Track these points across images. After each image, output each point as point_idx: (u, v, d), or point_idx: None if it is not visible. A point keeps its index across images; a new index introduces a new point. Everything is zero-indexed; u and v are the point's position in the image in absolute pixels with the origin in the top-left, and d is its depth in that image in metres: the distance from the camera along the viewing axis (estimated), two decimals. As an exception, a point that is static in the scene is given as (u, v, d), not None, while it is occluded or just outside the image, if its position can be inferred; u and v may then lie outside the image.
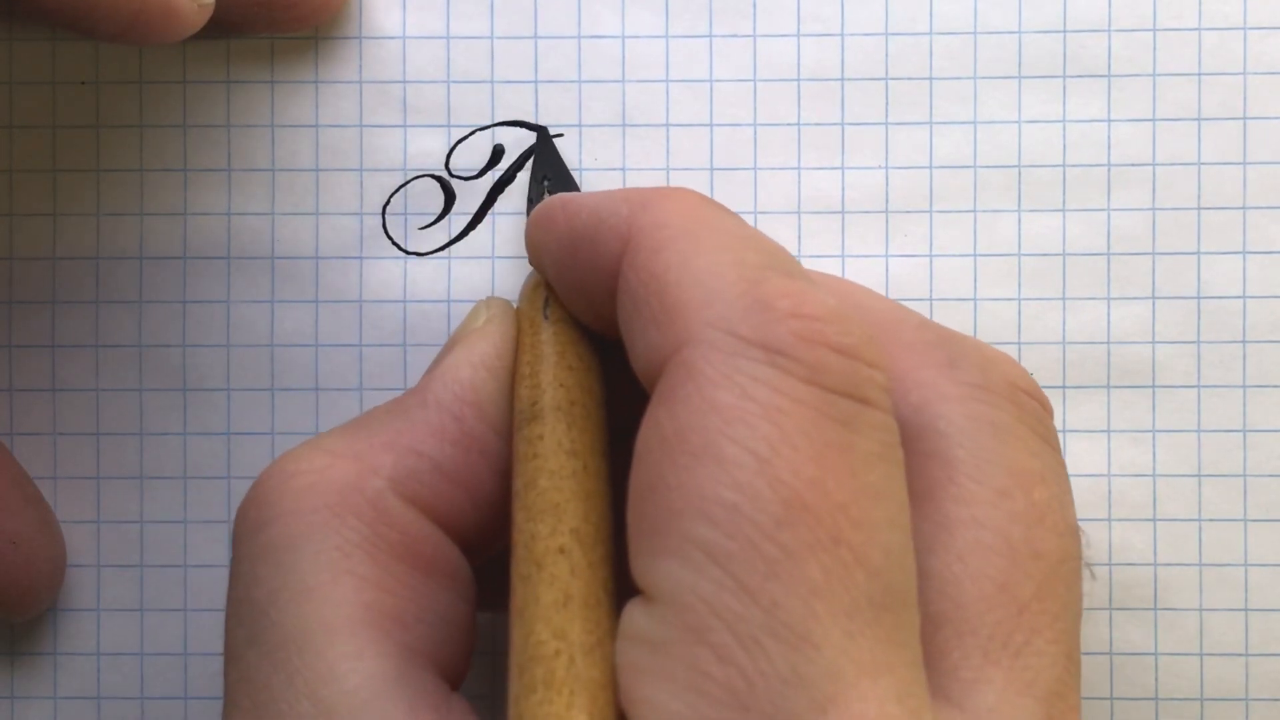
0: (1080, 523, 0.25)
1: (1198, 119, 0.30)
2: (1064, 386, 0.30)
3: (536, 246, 0.26)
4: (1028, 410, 0.24)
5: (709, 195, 0.29)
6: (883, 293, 0.30)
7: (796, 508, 0.20)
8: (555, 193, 0.29)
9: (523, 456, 0.23)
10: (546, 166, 0.30)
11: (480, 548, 0.25)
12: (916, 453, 0.23)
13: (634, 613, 0.20)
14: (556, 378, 0.24)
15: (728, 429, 0.20)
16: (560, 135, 0.30)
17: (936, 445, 0.23)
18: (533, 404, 0.24)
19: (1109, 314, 0.30)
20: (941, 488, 0.23)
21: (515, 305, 0.27)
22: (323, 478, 0.23)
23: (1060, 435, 0.27)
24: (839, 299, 0.22)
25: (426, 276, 0.31)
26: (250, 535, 0.23)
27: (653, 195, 0.24)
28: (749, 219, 0.30)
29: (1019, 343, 0.30)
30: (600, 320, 0.25)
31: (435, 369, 0.25)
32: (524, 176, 0.31)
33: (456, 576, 0.24)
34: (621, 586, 0.22)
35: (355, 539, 0.23)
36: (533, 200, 0.30)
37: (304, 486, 0.23)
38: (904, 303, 0.30)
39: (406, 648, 0.22)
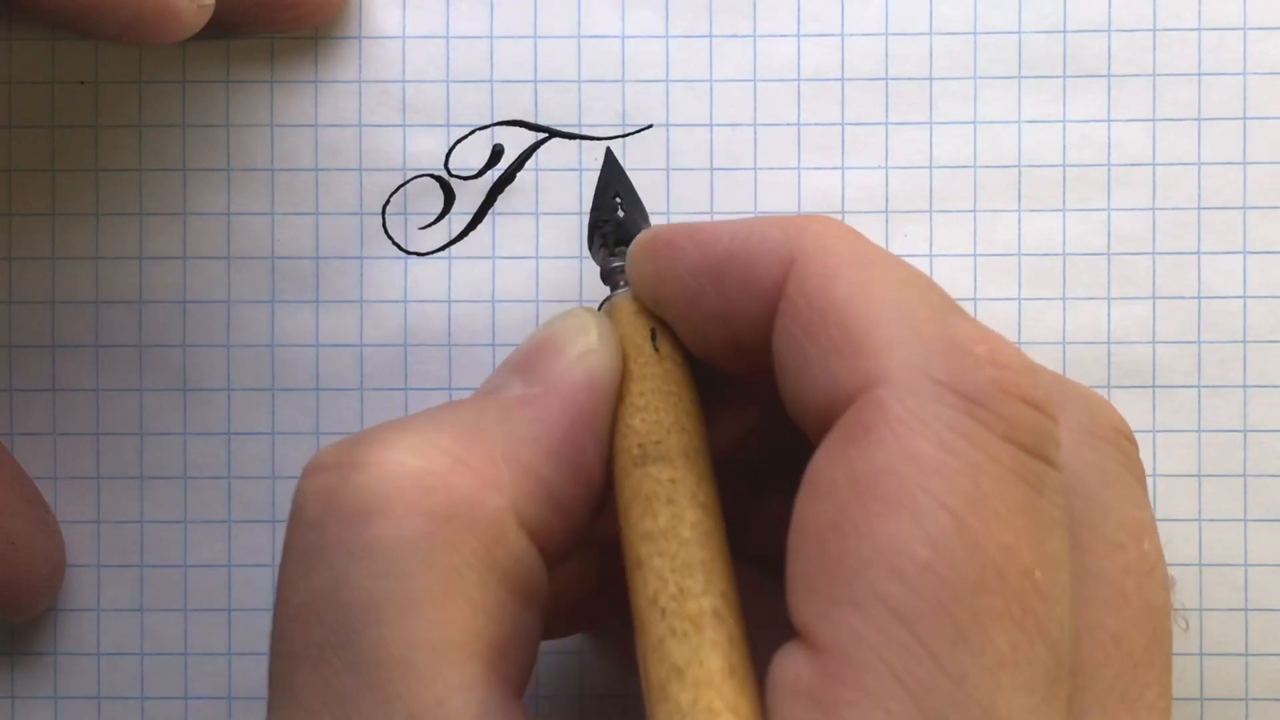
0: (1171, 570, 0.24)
1: (1198, 119, 0.30)
2: (1064, 386, 0.30)
3: (654, 277, 0.24)
4: (1131, 457, 0.23)
5: (712, 196, 0.29)
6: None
7: (991, 574, 0.19)
8: (626, 210, 0.28)
9: (651, 496, 0.22)
10: (617, 185, 0.29)
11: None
12: None
13: (794, 662, 0.19)
14: (678, 421, 0.23)
15: (925, 481, 0.19)
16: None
17: None
18: (656, 443, 0.23)
19: (1109, 314, 0.30)
20: None
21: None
22: (443, 482, 0.21)
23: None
24: None
25: (426, 276, 0.31)
26: (346, 522, 0.21)
27: (807, 221, 0.23)
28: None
29: (1019, 343, 0.30)
30: (728, 352, 0.24)
31: (547, 380, 0.23)
32: (525, 177, 0.31)
33: (543, 604, 0.23)
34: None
35: (471, 560, 0.21)
36: (601, 217, 0.29)
37: (422, 488, 0.21)
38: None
39: (505, 679, 0.21)
